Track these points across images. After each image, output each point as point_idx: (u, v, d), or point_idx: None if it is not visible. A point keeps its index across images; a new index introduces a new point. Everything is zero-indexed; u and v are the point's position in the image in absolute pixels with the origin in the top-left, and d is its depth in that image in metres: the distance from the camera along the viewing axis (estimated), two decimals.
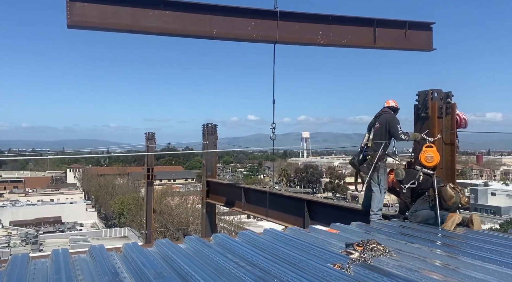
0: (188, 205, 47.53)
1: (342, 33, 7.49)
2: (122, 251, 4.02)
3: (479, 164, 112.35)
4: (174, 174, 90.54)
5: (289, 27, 7.21)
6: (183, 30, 6.70)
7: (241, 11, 6.94)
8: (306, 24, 7.32)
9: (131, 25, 6.38)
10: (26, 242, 37.36)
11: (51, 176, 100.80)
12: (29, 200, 63.01)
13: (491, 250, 3.86)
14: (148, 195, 18.96)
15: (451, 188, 5.19)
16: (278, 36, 7.06)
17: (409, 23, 7.68)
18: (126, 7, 6.33)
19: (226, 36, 6.97)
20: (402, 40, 7.68)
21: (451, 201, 5.08)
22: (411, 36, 7.72)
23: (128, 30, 6.49)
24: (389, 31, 7.68)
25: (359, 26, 7.57)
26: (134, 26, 6.42)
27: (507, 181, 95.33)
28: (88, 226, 50.91)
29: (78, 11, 6.11)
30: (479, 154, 56.98)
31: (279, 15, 7.02)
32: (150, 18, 6.44)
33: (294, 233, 4.81)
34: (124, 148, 51.60)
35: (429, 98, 6.09)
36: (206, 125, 13.71)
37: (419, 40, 7.86)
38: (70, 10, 6.08)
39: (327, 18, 7.39)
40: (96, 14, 6.21)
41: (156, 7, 6.49)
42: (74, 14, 6.10)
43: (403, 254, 3.76)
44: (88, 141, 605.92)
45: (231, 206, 12.53)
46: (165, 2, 6.56)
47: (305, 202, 8.90)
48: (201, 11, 6.73)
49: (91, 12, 6.18)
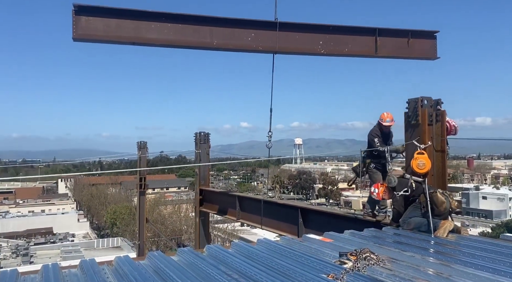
0: (182, 213, 47.22)
1: (343, 43, 7.52)
2: (114, 265, 3.97)
3: (470, 168, 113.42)
4: (166, 183, 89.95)
5: (289, 37, 7.27)
6: (184, 42, 6.78)
7: (241, 23, 7.00)
8: (306, 34, 7.37)
9: (133, 37, 6.54)
10: (16, 254, 36.72)
11: (42, 187, 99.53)
12: (19, 211, 62.07)
13: (483, 257, 3.88)
14: (140, 205, 18.80)
15: (441, 194, 5.24)
16: (278, 46, 7.11)
17: (412, 32, 7.69)
18: (129, 20, 6.46)
19: (227, 46, 7.04)
20: (405, 49, 7.68)
21: (443, 206, 5.13)
22: (414, 44, 7.72)
23: (131, 42, 6.65)
24: (391, 40, 7.69)
25: (360, 35, 7.60)
26: (137, 39, 6.56)
27: (497, 185, 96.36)
28: (80, 236, 50.27)
29: (84, 25, 6.26)
30: (469, 158, 57.50)
31: (278, 26, 7.08)
32: (152, 30, 6.55)
33: (288, 243, 4.79)
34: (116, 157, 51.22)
35: (419, 106, 6.14)
36: (198, 134, 13.69)
37: (423, 49, 7.86)
38: (76, 24, 6.20)
39: (327, 28, 7.43)
40: (101, 28, 6.35)
41: (158, 20, 6.59)
42: (80, 28, 6.23)
43: (397, 263, 3.77)
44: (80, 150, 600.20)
45: (225, 214, 12.47)
46: (167, 15, 6.65)
47: (299, 210, 8.91)
48: (202, 23, 6.80)
49: (96, 25, 6.33)
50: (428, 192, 5.22)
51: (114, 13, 6.45)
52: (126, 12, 6.53)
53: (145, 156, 18.23)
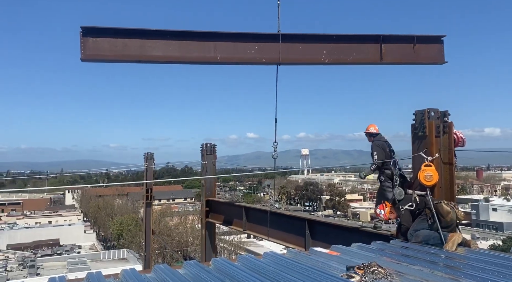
0: (188, 225, 47.10)
1: (347, 51, 7.54)
2: (120, 278, 3.96)
3: (479, 179, 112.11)
4: (173, 194, 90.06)
5: (292, 48, 7.33)
6: (189, 58, 6.91)
7: (244, 36, 7.10)
8: (309, 44, 7.43)
9: (139, 55, 6.70)
10: (23, 266, 36.77)
11: (49, 198, 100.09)
12: (27, 223, 62.40)
13: (493, 272, 3.81)
14: (146, 216, 18.80)
15: (446, 204, 5.22)
16: (281, 57, 7.18)
17: (418, 38, 7.66)
18: (135, 39, 6.63)
19: (230, 60, 7.13)
20: (411, 55, 7.66)
21: (449, 216, 5.09)
22: (421, 50, 7.69)
23: (137, 60, 6.81)
24: (396, 46, 7.68)
25: (364, 43, 7.61)
26: (143, 57, 6.72)
27: (508, 196, 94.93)
28: (86, 248, 50.29)
29: (91, 46, 6.44)
30: (479, 169, 56.93)
31: (281, 37, 7.15)
32: (157, 48, 6.70)
33: (295, 256, 4.75)
34: (123, 168, 51.50)
35: (425, 117, 6.13)
36: (205, 145, 13.72)
37: (429, 54, 7.82)
38: (83, 45, 6.38)
39: (330, 37, 7.47)
40: (108, 47, 6.53)
41: (163, 37, 6.73)
42: (87, 49, 6.41)
43: (405, 277, 3.72)
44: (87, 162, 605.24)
45: (231, 225, 12.42)
46: (171, 33, 6.78)
47: (306, 222, 8.85)
48: (206, 38, 6.92)
49: (103, 45, 6.51)
50: (433, 203, 5.19)
51: (120, 33, 6.62)
52: (131, 32, 6.69)
53: (151, 168, 18.31)
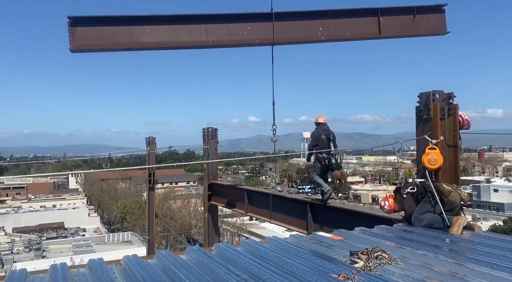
0: (191, 208, 47.51)
1: (344, 27, 7.32)
2: (122, 264, 3.94)
3: (481, 160, 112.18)
4: (175, 177, 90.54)
5: (286, 27, 7.13)
6: (179, 43, 6.76)
7: (236, 17, 6.91)
8: (304, 22, 7.21)
9: (129, 43, 6.59)
10: (29, 249, 37.32)
11: (53, 182, 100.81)
12: (31, 206, 63.02)
13: (498, 256, 3.77)
14: (150, 200, 18.89)
15: (447, 185, 5.16)
16: (276, 37, 7.00)
17: (417, 8, 7.40)
18: (123, 27, 6.48)
19: (223, 43, 6.97)
20: (411, 27, 7.41)
21: (451, 195, 5.03)
22: (421, 21, 7.43)
23: (127, 48, 6.70)
24: (395, 18, 7.42)
25: (362, 17, 7.37)
26: (132, 44, 6.60)
27: (509, 177, 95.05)
28: (91, 231, 50.90)
29: (79, 36, 6.31)
30: (480, 150, 56.74)
31: (274, 16, 6.95)
32: (147, 34, 6.56)
33: (297, 241, 4.73)
34: (125, 153, 51.61)
35: (430, 100, 6.00)
36: (206, 129, 13.65)
37: (430, 25, 7.56)
38: (72, 35, 6.25)
39: (326, 13, 7.25)
40: (96, 36, 6.41)
41: (152, 23, 6.57)
42: (76, 39, 6.29)
43: (409, 262, 3.68)
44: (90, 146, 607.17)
45: (234, 208, 12.47)
46: (160, 18, 6.62)
47: (308, 205, 8.83)
48: (196, 21, 6.74)
49: (91, 35, 6.38)
50: (433, 184, 5.15)
51: (108, 21, 6.49)
52: (119, 19, 6.54)
53: (153, 152, 18.29)
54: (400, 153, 5.99)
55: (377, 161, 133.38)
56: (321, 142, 8.24)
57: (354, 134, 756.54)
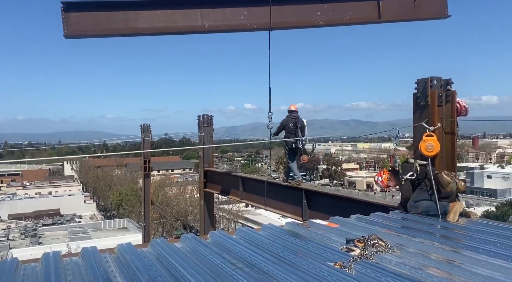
0: (187, 194, 47.61)
1: (343, 11, 7.17)
2: (116, 253, 3.89)
3: (475, 147, 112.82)
4: (171, 165, 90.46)
5: (284, 11, 6.98)
6: (175, 28, 6.62)
7: (232, 1, 6.75)
8: (301, 6, 7.06)
9: (123, 28, 6.47)
10: (25, 235, 37.37)
11: (48, 169, 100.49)
12: (27, 193, 62.94)
13: (495, 243, 3.76)
14: (145, 187, 18.85)
15: (446, 175, 5.12)
16: (273, 22, 6.85)
17: None
18: (118, 12, 6.35)
19: (219, 28, 6.82)
20: (411, 11, 7.25)
21: (449, 186, 5.00)
22: (422, 4, 7.25)
23: (121, 34, 6.58)
24: (395, 2, 7.25)
25: (361, 1, 7.20)
26: (127, 29, 6.48)
27: (502, 164, 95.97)
28: (87, 217, 50.99)
29: (73, 21, 6.19)
30: (475, 137, 56.96)
31: (271, 0, 6.79)
32: (142, 19, 6.43)
33: (293, 229, 4.69)
34: (120, 139, 51.46)
35: (428, 86, 5.91)
36: (201, 117, 13.53)
37: (431, 8, 7.40)
38: (65, 21, 6.12)
39: None
40: (90, 22, 6.29)
41: (147, 8, 6.44)
42: (70, 24, 6.16)
43: (406, 250, 3.65)
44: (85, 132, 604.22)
45: (228, 194, 12.46)
46: (155, 2, 6.47)
47: (303, 192, 8.82)
48: (191, 6, 6.59)
49: (85, 20, 6.27)
50: (433, 174, 5.09)
51: (102, 6, 6.35)
52: (114, 4, 6.39)
53: (148, 139, 18.15)
54: (397, 140, 5.93)
55: (372, 148, 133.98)
56: (288, 128, 9.44)
57: (350, 121, 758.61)
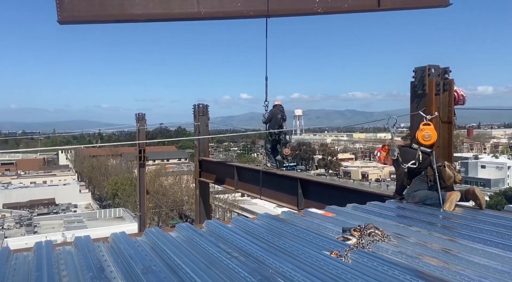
0: (183, 184, 47.66)
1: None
2: (110, 242, 3.84)
3: (469, 137, 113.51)
4: (167, 154, 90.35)
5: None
6: (170, 14, 6.48)
7: None
8: None
9: (118, 14, 6.34)
10: (20, 225, 37.30)
11: (43, 158, 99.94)
12: (21, 183, 62.59)
13: (491, 232, 3.74)
14: (140, 177, 18.78)
15: (448, 167, 5.06)
16: (270, 9, 6.71)
17: None
18: None
19: (216, 15, 6.68)
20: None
21: (450, 181, 4.97)
22: None
23: (116, 20, 6.45)
24: None
25: None
26: (122, 15, 6.34)
27: (496, 154, 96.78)
28: (82, 207, 50.91)
29: (67, 7, 6.07)
30: (470, 127, 57.09)
31: None
32: (137, 5, 6.30)
33: (289, 218, 4.66)
34: (116, 129, 51.14)
35: (426, 75, 5.85)
36: (197, 106, 13.41)
37: None
38: (59, 5, 6.01)
39: None
40: (85, 7, 6.18)
41: None
42: (64, 10, 6.03)
43: (402, 239, 3.63)
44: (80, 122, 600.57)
45: (224, 184, 12.43)
46: None
47: (298, 181, 8.80)
48: None
49: (79, 5, 6.16)
50: (436, 166, 5.03)
51: None
52: None
53: (143, 128, 18.03)
54: (394, 129, 5.84)
55: (368, 138, 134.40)
56: (276, 119, 9.85)
57: (346, 111, 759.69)
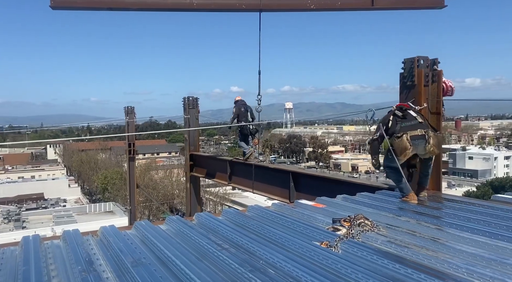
0: (173, 178, 47.48)
1: None
2: (99, 235, 3.80)
3: (457, 129, 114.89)
4: (157, 148, 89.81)
5: None
6: (163, 4, 6.36)
7: None
8: None
9: (111, 2, 6.23)
10: (8, 220, 36.81)
11: (30, 153, 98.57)
12: (9, 178, 61.65)
13: (478, 221, 3.80)
14: (130, 171, 18.64)
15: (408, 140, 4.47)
16: (263, 3, 6.64)
17: None
18: None
19: (208, 7, 6.58)
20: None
21: (404, 154, 4.49)
22: None
23: (108, 7, 6.32)
24: None
25: None
26: (114, 3, 6.23)
27: (483, 145, 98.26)
28: (72, 202, 50.39)
29: None
30: (457, 119, 57.62)
31: None
32: None
33: (280, 209, 4.68)
34: (104, 122, 50.54)
35: (415, 66, 5.87)
36: (187, 99, 13.30)
37: None
38: None
39: None
40: None
41: None
42: None
43: (392, 229, 3.67)
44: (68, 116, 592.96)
45: (215, 178, 12.40)
46: None
47: (290, 174, 8.82)
48: None
49: None
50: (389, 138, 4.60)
51: None
52: None
53: (133, 121, 17.84)
54: (372, 121, 5.52)
55: (358, 130, 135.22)
56: (241, 113, 10.86)
57: (336, 104, 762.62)
